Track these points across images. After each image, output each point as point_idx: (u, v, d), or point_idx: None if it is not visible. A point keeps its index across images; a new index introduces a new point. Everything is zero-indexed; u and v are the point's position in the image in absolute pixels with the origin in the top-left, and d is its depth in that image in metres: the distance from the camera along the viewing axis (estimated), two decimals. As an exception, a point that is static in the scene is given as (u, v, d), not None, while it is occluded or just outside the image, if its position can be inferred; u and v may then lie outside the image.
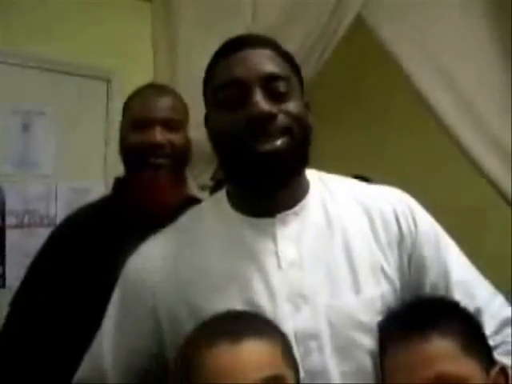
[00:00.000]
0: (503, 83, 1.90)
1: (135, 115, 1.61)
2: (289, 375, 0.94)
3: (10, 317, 1.59)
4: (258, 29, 2.07)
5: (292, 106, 1.05)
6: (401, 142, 3.46)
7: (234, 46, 1.08)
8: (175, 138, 1.59)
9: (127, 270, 1.17)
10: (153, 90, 1.72)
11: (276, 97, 1.04)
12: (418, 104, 2.08)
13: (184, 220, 1.19)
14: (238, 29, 2.10)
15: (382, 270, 1.08)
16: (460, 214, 3.14)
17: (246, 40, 1.10)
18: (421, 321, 1.00)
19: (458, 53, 1.96)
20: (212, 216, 1.15)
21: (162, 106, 1.61)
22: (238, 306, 1.02)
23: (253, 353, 0.91)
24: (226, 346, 0.91)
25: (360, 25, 2.09)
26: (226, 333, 0.93)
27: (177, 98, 1.67)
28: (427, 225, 1.16)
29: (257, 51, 1.06)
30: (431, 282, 1.11)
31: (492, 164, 1.93)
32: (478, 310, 1.09)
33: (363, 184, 1.21)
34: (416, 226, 1.12)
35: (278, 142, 1.02)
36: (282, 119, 1.03)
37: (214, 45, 1.11)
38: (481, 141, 1.93)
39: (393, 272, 1.09)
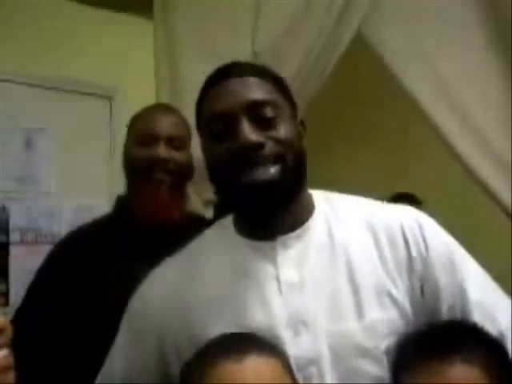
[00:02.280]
0: (503, 100, 1.91)
1: (140, 131, 1.63)
2: None
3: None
4: (259, 48, 2.09)
5: (281, 131, 1.04)
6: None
7: (221, 76, 1.07)
8: (178, 155, 1.61)
9: (134, 302, 1.16)
10: (158, 108, 1.75)
11: (264, 123, 1.03)
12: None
13: (190, 247, 1.18)
14: (239, 47, 2.12)
15: (389, 294, 1.03)
16: (474, 228, 3.17)
17: (233, 69, 1.08)
18: (442, 345, 0.96)
19: (459, 70, 1.97)
20: (217, 241, 1.14)
21: (167, 123, 1.63)
22: (236, 331, 1.00)
23: (256, 370, 0.91)
24: (229, 366, 0.91)
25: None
26: (228, 353, 0.93)
27: (181, 117, 1.69)
28: (439, 243, 1.09)
29: (242, 79, 1.05)
30: (448, 304, 1.05)
31: (492, 178, 1.93)
32: (501, 333, 1.03)
33: (372, 203, 1.17)
34: (426, 245, 1.07)
35: (270, 171, 1.01)
36: (271, 147, 1.02)
37: (215, 64, 1.12)
38: (481, 155, 1.94)
39: (402, 296, 1.04)
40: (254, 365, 0.91)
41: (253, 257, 1.07)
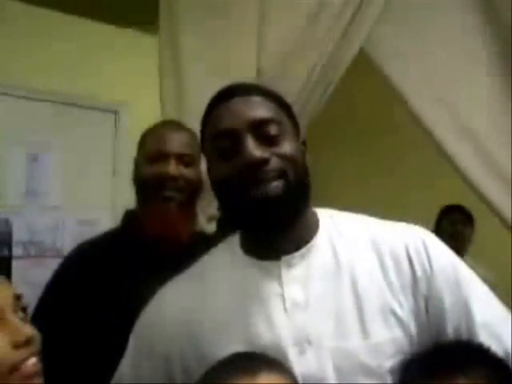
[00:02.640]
0: (503, 111, 1.92)
1: (151, 148, 1.64)
2: None
3: None
4: (264, 65, 2.10)
5: (285, 148, 1.05)
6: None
7: (225, 96, 1.08)
8: (188, 172, 1.61)
9: (142, 319, 1.16)
10: (168, 125, 1.76)
11: (268, 141, 1.04)
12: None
13: (197, 266, 1.18)
14: (244, 63, 2.12)
15: (394, 313, 1.03)
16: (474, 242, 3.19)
17: (236, 89, 1.10)
18: (446, 364, 0.96)
19: (460, 83, 1.98)
20: (223, 260, 1.14)
21: (177, 140, 1.63)
22: (242, 349, 1.01)
23: None
24: (241, 380, 0.91)
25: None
26: (240, 370, 0.93)
27: (191, 134, 1.70)
28: (444, 263, 1.08)
29: (245, 98, 1.07)
30: (453, 324, 1.05)
31: (492, 189, 1.93)
32: (507, 352, 1.02)
33: (377, 222, 1.16)
34: (431, 265, 1.06)
35: (272, 186, 1.02)
36: (274, 162, 1.03)
37: (220, 79, 1.12)
38: (482, 167, 1.94)
39: (406, 316, 1.04)
40: (267, 381, 0.92)
41: (257, 275, 1.08)
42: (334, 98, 2.15)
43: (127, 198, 1.76)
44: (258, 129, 1.04)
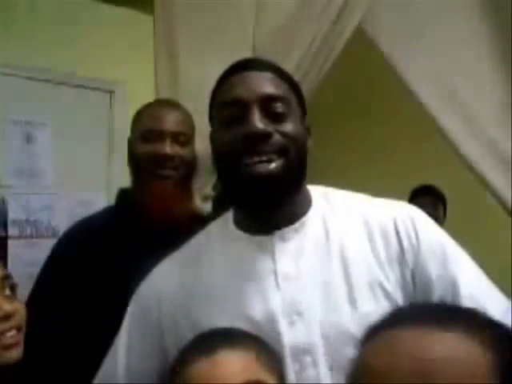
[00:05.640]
0: (504, 95, 1.91)
1: (146, 127, 1.64)
2: (270, 380, 0.95)
3: None
4: (259, 42, 2.09)
5: (289, 126, 1.08)
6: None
7: (238, 68, 1.12)
8: (184, 151, 1.62)
9: (138, 293, 1.19)
10: (163, 104, 1.76)
11: (274, 117, 1.07)
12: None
13: (193, 242, 1.21)
14: (240, 41, 2.11)
15: (381, 286, 1.06)
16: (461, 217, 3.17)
17: (249, 63, 1.14)
18: (422, 315, 0.88)
19: (461, 66, 1.97)
20: (218, 235, 1.18)
21: (173, 119, 1.64)
22: (235, 321, 1.04)
23: (226, 363, 0.93)
24: (201, 361, 0.93)
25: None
26: (199, 348, 0.96)
27: (185, 113, 1.70)
28: (432, 237, 1.12)
29: (258, 73, 1.10)
30: (439, 296, 1.07)
31: (493, 174, 1.93)
32: None
33: (369, 198, 1.20)
34: (418, 239, 1.09)
35: (273, 165, 1.05)
36: (277, 139, 1.06)
37: (214, 58, 1.13)
38: (482, 151, 1.93)
39: (393, 288, 1.07)
40: (225, 359, 0.93)
41: (250, 249, 1.11)
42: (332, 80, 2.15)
43: (123, 178, 1.76)
44: (266, 104, 1.07)
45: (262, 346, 1.00)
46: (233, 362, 0.93)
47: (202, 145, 1.70)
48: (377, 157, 3.65)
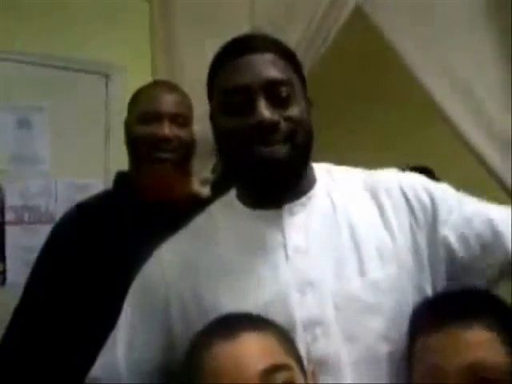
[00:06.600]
0: (505, 79, 1.91)
1: (143, 109, 1.63)
2: (291, 364, 0.94)
3: (18, 317, 1.58)
4: (258, 21, 2.07)
5: (295, 110, 1.09)
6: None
7: (238, 50, 1.11)
8: (182, 133, 1.62)
9: (144, 267, 1.20)
10: (160, 85, 1.75)
11: (279, 102, 1.08)
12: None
13: (197, 220, 1.22)
14: (237, 25, 2.09)
15: (389, 250, 1.09)
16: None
17: (249, 43, 1.13)
18: (461, 309, 0.98)
19: (461, 49, 1.96)
20: (223, 213, 1.19)
21: (170, 101, 1.63)
22: (244, 295, 1.05)
23: (250, 347, 0.92)
24: (222, 344, 0.92)
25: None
26: (221, 332, 0.95)
27: (184, 95, 1.69)
28: (438, 190, 1.16)
29: (259, 56, 1.10)
30: (476, 236, 1.10)
31: (493, 157, 1.93)
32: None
33: (370, 171, 1.22)
34: (430, 194, 1.13)
35: (283, 151, 1.07)
36: (284, 126, 1.07)
37: (211, 42, 1.13)
38: (483, 135, 1.93)
39: (403, 251, 1.09)
40: (249, 343, 0.93)
41: (258, 224, 1.13)
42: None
43: (120, 163, 1.75)
44: (271, 89, 1.08)
45: (280, 330, 1.00)
46: (257, 346, 0.93)
47: (200, 128, 1.70)
48: (381, 141, 3.63)
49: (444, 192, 1.17)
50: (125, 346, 1.14)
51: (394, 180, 1.16)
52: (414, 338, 1.02)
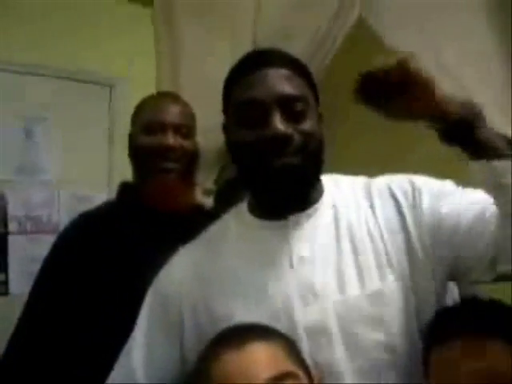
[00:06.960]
0: (504, 83, 1.91)
1: (147, 119, 1.64)
2: (298, 372, 0.96)
3: (21, 327, 1.57)
4: (263, 31, 2.08)
5: (308, 125, 1.12)
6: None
7: (254, 64, 1.14)
8: (186, 143, 1.63)
9: (157, 280, 1.22)
10: (164, 96, 1.77)
11: (293, 116, 1.11)
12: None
13: (211, 228, 1.26)
14: (242, 32, 2.10)
15: (387, 261, 1.11)
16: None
17: (265, 57, 1.16)
18: (475, 320, 1.00)
19: (460, 51, 1.97)
20: (234, 224, 1.23)
21: (175, 111, 1.65)
22: (252, 305, 1.08)
23: (257, 355, 0.94)
24: (230, 353, 0.94)
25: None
26: (229, 341, 0.97)
27: (186, 105, 1.71)
28: (429, 185, 1.17)
29: (275, 71, 1.13)
30: (467, 226, 1.10)
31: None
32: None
33: (371, 179, 1.25)
34: (420, 194, 1.15)
35: (294, 161, 1.10)
36: (297, 139, 1.11)
37: (216, 51, 1.13)
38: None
39: (398, 258, 1.11)
40: (255, 351, 0.95)
41: (265, 234, 1.16)
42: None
43: (124, 174, 1.75)
44: (286, 104, 1.11)
45: (288, 340, 1.02)
46: (264, 355, 0.95)
47: (203, 139, 1.71)
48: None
49: (427, 181, 1.18)
50: (142, 357, 1.16)
51: (386, 181, 1.20)
52: (429, 348, 1.04)
